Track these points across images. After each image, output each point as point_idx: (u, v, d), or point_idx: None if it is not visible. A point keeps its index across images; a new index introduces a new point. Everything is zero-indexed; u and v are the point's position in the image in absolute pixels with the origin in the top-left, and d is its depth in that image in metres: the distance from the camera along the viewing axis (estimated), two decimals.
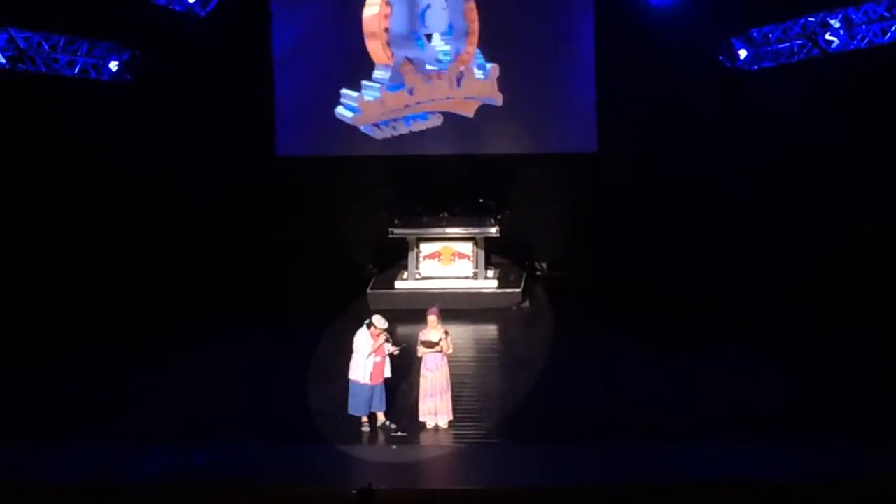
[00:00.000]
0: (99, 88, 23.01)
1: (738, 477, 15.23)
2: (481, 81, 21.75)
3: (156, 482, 15.56)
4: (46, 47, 21.36)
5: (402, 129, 22.23)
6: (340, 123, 24.11)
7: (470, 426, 17.25)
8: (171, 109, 23.76)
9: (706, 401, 17.87)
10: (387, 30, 19.97)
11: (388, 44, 20.00)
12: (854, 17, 20.91)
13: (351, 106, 20.32)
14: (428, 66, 20.77)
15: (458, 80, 21.50)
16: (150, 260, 23.85)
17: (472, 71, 21.28)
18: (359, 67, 23.88)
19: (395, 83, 20.26)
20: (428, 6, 20.80)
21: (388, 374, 17.10)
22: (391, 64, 20.05)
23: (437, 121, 22.69)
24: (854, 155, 21.92)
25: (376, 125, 20.71)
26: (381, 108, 20.98)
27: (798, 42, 21.98)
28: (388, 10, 20.03)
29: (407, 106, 21.76)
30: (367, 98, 20.34)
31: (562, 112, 24.41)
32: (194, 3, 22.52)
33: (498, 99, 21.63)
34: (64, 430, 17.26)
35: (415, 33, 20.56)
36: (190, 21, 22.88)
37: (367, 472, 15.48)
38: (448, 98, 22.50)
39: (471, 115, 21.98)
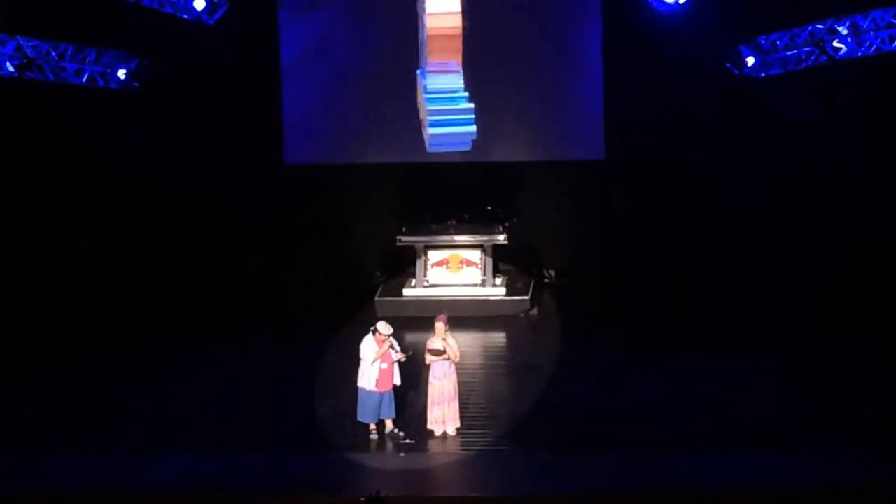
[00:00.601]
0: (107, 97, 23.04)
1: (748, 484, 15.24)
2: None
3: (163, 491, 15.58)
4: (55, 55, 21.37)
5: None
6: (348, 131, 24.22)
7: (478, 434, 17.23)
8: (180, 117, 23.81)
9: (715, 408, 17.86)
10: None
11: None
12: (862, 24, 20.88)
13: (467, 119, 19.89)
14: None
15: None
16: (158, 268, 23.86)
17: None
18: (366, 76, 24.03)
19: None
20: None
21: (397, 381, 17.06)
22: (458, 69, 19.74)
23: None
24: (862, 162, 21.88)
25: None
26: None
27: (806, 49, 21.96)
28: None
29: None
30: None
31: (569, 119, 24.39)
32: (202, 11, 22.53)
33: None
34: (71, 439, 17.28)
35: None
36: (198, 29, 22.90)
37: (376, 480, 15.44)
38: None
39: None
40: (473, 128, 19.20)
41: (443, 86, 19.88)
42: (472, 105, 19.17)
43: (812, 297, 21.93)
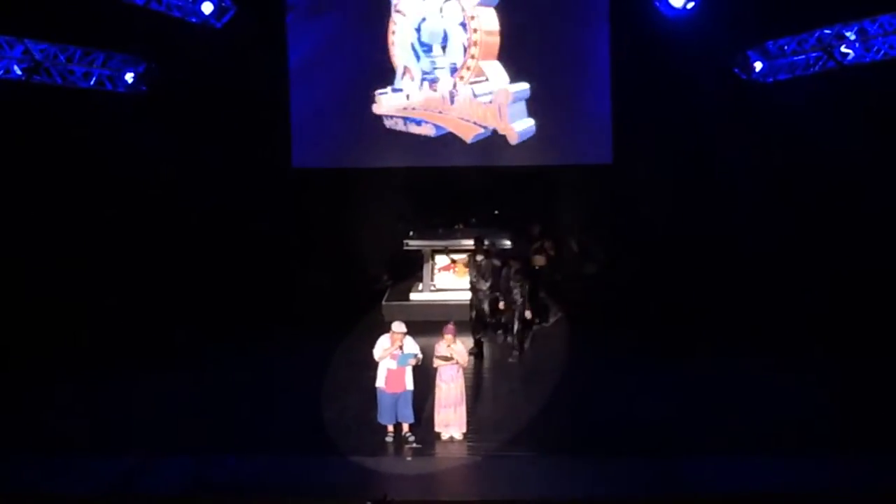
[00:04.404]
0: (115, 100, 23.07)
1: (757, 490, 15.21)
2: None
3: (170, 495, 15.57)
4: (62, 59, 21.45)
5: None
6: (356, 135, 24.21)
7: (484, 438, 17.18)
8: (187, 121, 23.82)
9: (724, 414, 17.80)
10: None
11: None
12: (870, 29, 20.88)
13: None
14: None
15: None
16: (166, 272, 23.87)
17: None
18: (374, 79, 24.05)
19: None
20: None
21: (409, 385, 17.01)
22: None
23: None
24: (870, 167, 21.85)
25: None
26: None
27: (813, 54, 21.96)
28: None
29: None
30: None
31: (577, 124, 24.41)
32: (210, 14, 22.58)
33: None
34: (80, 441, 17.26)
35: None
36: (206, 33, 22.94)
37: (382, 484, 15.45)
38: None
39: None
40: None
41: None
42: None
43: (823, 302, 21.87)
